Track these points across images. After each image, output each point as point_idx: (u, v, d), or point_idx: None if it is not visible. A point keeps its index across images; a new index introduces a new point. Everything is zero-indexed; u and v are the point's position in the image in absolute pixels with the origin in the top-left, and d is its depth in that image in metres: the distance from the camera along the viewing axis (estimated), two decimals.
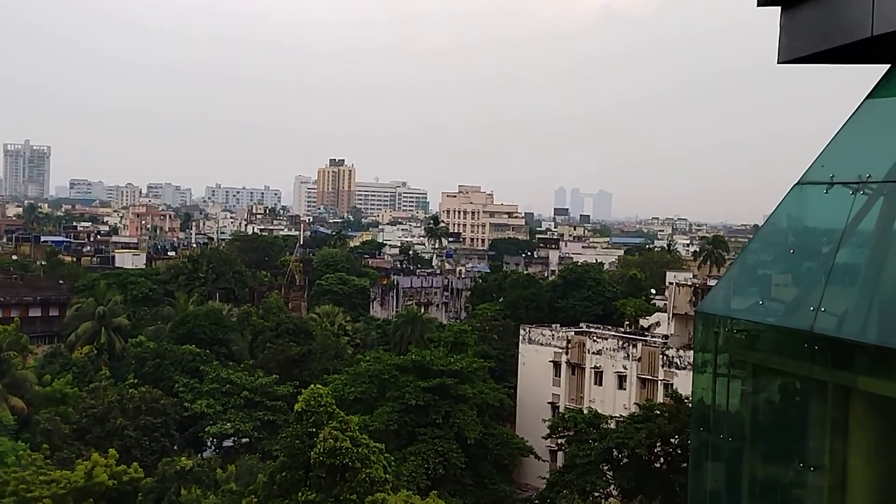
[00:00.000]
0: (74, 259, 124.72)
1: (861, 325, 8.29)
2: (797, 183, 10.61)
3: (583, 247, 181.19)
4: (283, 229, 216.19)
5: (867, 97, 8.84)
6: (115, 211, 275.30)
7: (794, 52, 9.29)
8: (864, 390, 8.14)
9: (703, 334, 12.08)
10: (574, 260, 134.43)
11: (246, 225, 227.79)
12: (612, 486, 50.75)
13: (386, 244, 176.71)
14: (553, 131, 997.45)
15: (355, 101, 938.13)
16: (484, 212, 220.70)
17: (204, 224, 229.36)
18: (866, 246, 8.94)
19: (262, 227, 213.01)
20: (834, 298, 8.77)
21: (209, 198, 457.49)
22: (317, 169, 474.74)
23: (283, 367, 68.85)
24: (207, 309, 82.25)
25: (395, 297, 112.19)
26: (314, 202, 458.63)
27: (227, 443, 63.75)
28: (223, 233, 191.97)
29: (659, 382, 64.59)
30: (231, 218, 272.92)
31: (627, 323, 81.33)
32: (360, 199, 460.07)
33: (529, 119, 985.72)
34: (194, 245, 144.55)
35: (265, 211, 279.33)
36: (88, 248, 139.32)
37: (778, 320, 10.54)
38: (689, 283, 71.44)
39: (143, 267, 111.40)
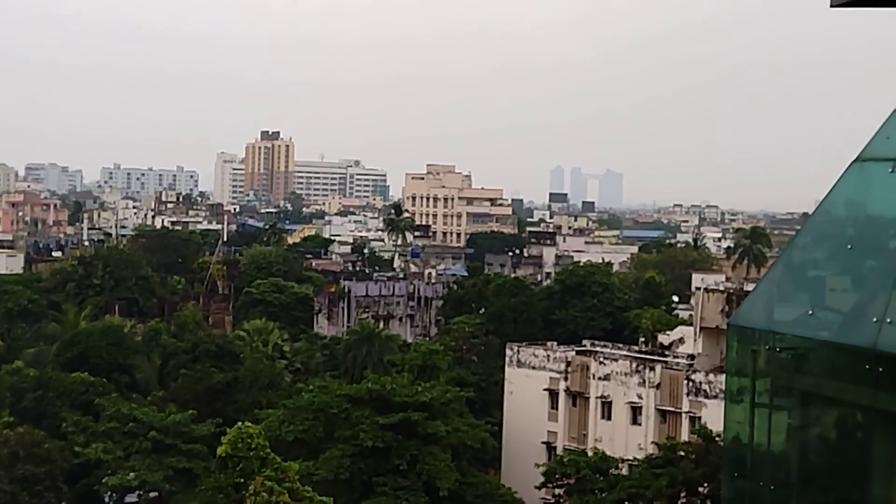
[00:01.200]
0: None
1: None
2: (856, 159, 10.61)
3: (586, 242, 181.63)
4: (201, 222, 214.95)
5: None
6: None
7: None
8: None
9: (738, 353, 12.04)
10: (575, 259, 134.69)
11: (153, 217, 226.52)
12: None
13: (334, 240, 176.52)
14: (546, 92, 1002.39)
15: (293, 55, 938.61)
16: (460, 198, 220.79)
17: (99, 216, 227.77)
18: None
19: (175, 219, 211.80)
20: None
21: (105, 182, 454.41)
22: (245, 144, 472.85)
23: (203, 399, 68.40)
24: (104, 325, 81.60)
25: (345, 309, 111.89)
26: (241, 187, 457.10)
27: (131, 498, 63.26)
28: (124, 227, 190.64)
29: (683, 415, 64.81)
30: (134, 208, 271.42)
31: (643, 340, 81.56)
32: (301, 183, 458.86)
33: (516, 78, 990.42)
34: (86, 243, 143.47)
35: (178, 198, 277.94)
36: None
37: (833, 335, 10.52)
38: (722, 288, 71.75)
39: (21, 272, 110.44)
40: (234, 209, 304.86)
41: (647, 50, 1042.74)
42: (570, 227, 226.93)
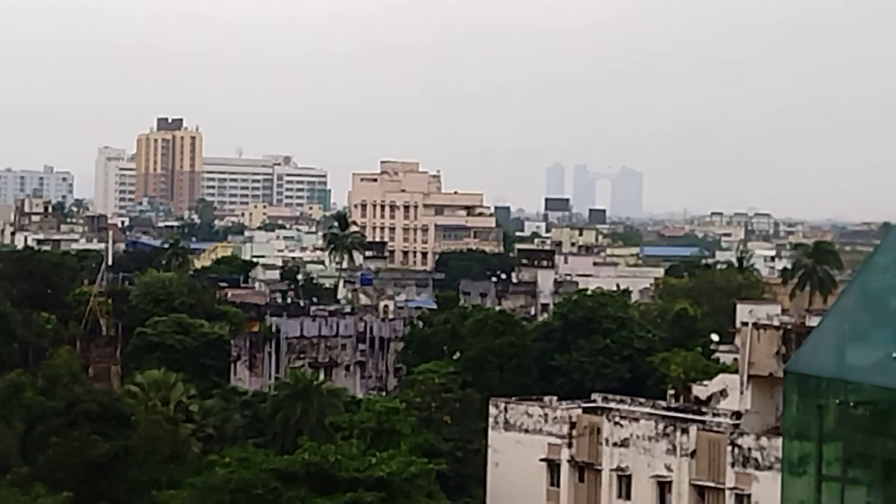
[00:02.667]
0: None
1: None
2: None
3: (595, 263, 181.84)
4: (77, 240, 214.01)
5: None
6: None
7: None
8: None
9: (799, 410, 12.02)
10: (580, 286, 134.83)
11: (13, 233, 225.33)
12: None
13: (258, 263, 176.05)
14: (541, 72, 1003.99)
15: (198, 32, 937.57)
16: (426, 206, 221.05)
17: None
18: None
19: (42, 236, 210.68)
20: None
21: None
22: (136, 136, 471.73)
23: (82, 477, 68.02)
24: None
25: (273, 355, 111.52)
26: (132, 193, 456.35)
27: None
28: None
29: (727, 493, 64.92)
30: None
31: (672, 392, 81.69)
32: (213, 187, 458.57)
33: (500, 59, 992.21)
34: None
35: (46, 208, 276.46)
36: None
37: None
38: (777, 324, 72.01)
39: None
40: (123, 222, 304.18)
41: (669, 14, 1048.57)
42: (573, 244, 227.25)
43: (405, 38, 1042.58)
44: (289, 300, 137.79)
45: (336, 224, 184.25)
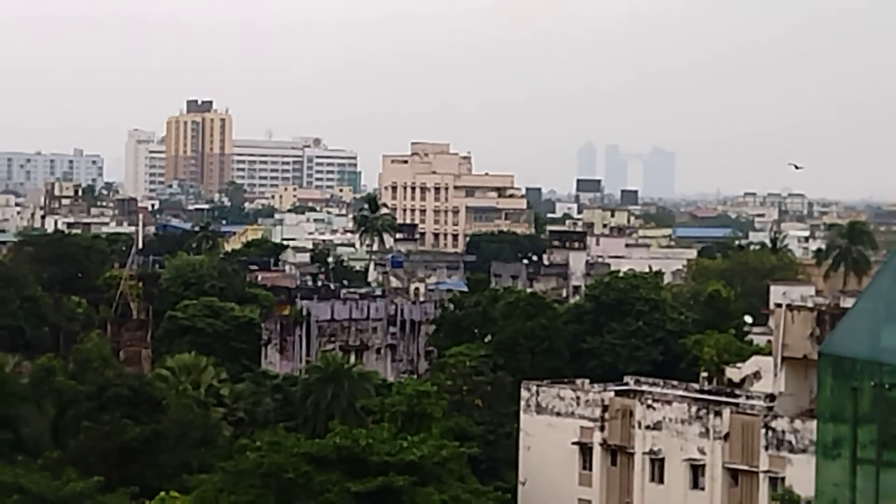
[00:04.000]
0: None
1: None
2: None
3: (627, 245, 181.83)
4: (108, 223, 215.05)
5: None
6: None
7: None
8: None
9: (833, 392, 11.96)
10: (612, 268, 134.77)
11: (44, 217, 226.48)
12: None
13: (288, 246, 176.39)
14: (572, 54, 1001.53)
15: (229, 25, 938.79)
16: (457, 187, 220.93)
17: None
18: None
19: (72, 219, 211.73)
20: None
21: None
22: (166, 119, 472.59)
23: (113, 461, 68.31)
24: None
25: (304, 338, 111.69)
26: (162, 175, 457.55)
27: None
28: (4, 231, 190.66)
29: (761, 476, 64.82)
30: (18, 205, 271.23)
31: (706, 375, 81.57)
32: (243, 169, 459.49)
33: (532, 39, 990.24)
34: None
35: (76, 192, 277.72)
36: None
37: None
38: (811, 305, 71.79)
39: None
40: (153, 205, 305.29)
41: (709, 5, 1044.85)
42: (605, 225, 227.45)
43: (441, 18, 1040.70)
44: (319, 283, 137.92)
45: (366, 206, 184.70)
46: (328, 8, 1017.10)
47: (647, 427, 69.32)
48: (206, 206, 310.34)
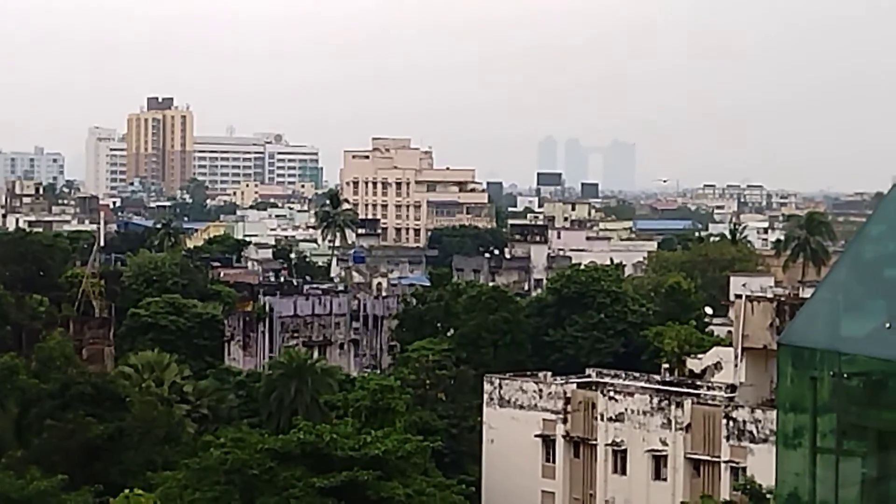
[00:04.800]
0: None
1: None
2: None
3: (588, 238, 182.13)
4: (69, 221, 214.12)
5: None
6: None
7: None
8: None
9: (793, 382, 12.01)
10: (574, 261, 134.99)
11: (4, 215, 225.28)
12: None
13: (250, 242, 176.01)
14: (534, 48, 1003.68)
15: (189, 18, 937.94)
16: (418, 182, 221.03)
17: None
18: None
19: (34, 217, 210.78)
20: None
21: None
22: (126, 116, 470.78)
23: (76, 459, 68.10)
24: None
25: (267, 334, 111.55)
26: (123, 173, 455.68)
27: None
28: None
29: (722, 466, 65.09)
30: None
31: (667, 366, 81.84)
32: (204, 166, 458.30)
33: (491, 37, 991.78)
34: None
35: (38, 190, 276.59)
36: None
37: None
38: (770, 296, 72.13)
39: None
40: (114, 203, 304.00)
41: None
42: (566, 218, 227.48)
43: (398, 12, 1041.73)
44: (282, 279, 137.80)
45: (328, 202, 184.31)
46: (287, 3, 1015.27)
47: (610, 419, 69.52)
48: (167, 204, 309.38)
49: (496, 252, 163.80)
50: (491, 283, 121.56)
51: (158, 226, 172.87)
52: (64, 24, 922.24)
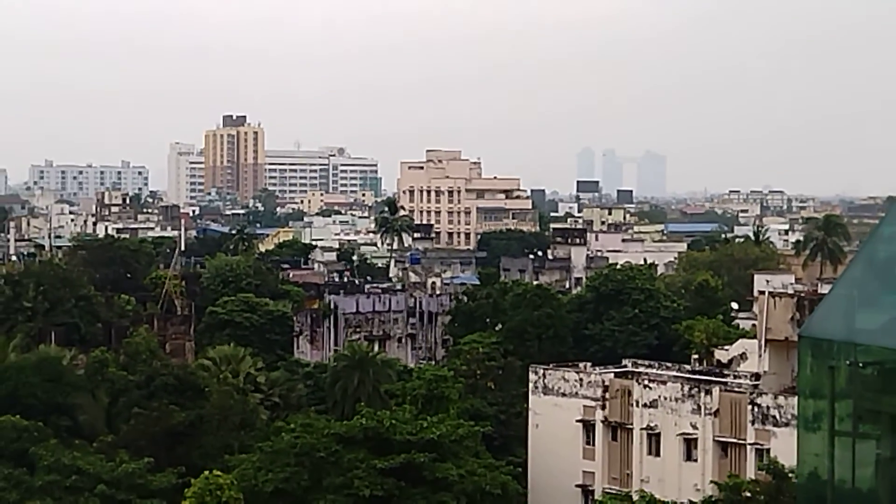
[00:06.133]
0: None
1: None
2: None
3: (623, 240, 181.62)
4: (153, 228, 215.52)
5: None
6: None
7: None
8: None
9: (813, 371, 11.95)
10: (610, 261, 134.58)
11: (95, 223, 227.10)
12: None
13: (316, 246, 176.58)
14: (574, 69, 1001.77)
15: (261, 41, 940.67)
16: (468, 190, 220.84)
17: (29, 224, 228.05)
18: None
19: (121, 225, 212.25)
20: None
21: (36, 182, 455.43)
22: (204, 132, 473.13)
23: (161, 444, 68.40)
24: (38, 358, 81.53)
25: (332, 329, 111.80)
26: (201, 184, 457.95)
27: None
28: (59, 237, 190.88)
29: (748, 448, 64.75)
30: (71, 213, 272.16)
31: (696, 357, 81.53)
32: (274, 177, 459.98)
33: (533, 53, 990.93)
34: (14, 258, 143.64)
35: (125, 200, 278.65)
36: None
37: None
38: (791, 292, 71.72)
39: None
40: (193, 211, 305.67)
41: (695, 21, 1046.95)
42: (603, 222, 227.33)
43: (443, 33, 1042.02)
44: (345, 279, 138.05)
45: (387, 209, 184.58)
46: (348, 36, 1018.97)
47: (644, 405, 69.29)
48: (241, 212, 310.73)
49: (539, 253, 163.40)
50: (535, 282, 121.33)
51: (233, 232, 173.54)
52: (147, 52, 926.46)
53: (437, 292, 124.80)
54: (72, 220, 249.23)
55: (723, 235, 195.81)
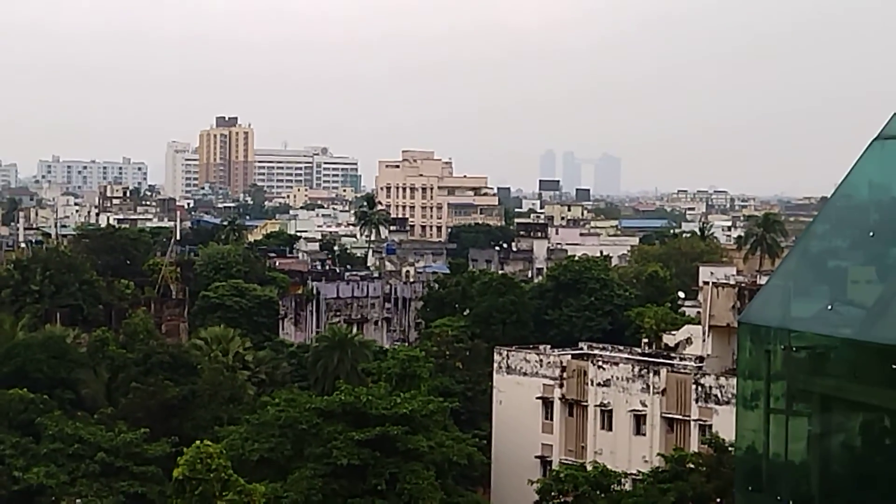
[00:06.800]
0: None
1: None
2: (877, 137, 10.61)
3: (581, 234, 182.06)
4: (151, 219, 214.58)
5: None
6: None
7: None
8: None
9: (751, 354, 12.03)
10: (569, 253, 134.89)
11: (98, 214, 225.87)
12: None
13: (300, 237, 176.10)
14: (536, 76, 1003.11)
15: (250, 50, 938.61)
16: (440, 188, 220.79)
17: (37, 214, 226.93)
18: None
19: (122, 216, 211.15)
20: None
21: (43, 176, 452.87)
22: (199, 132, 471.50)
23: (156, 416, 68.30)
24: (44, 336, 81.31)
25: (314, 313, 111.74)
26: (195, 179, 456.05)
27: None
28: (65, 226, 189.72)
29: (692, 424, 64.98)
30: (76, 204, 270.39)
31: (646, 341, 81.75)
32: (262, 174, 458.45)
33: (502, 62, 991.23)
34: (23, 244, 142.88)
35: (125, 193, 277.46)
36: None
37: (855, 332, 10.52)
38: (732, 283, 71.95)
39: None
40: (188, 204, 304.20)
41: (646, 31, 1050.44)
42: (562, 218, 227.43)
43: (424, 40, 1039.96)
44: (327, 267, 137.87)
45: (365, 204, 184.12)
46: (331, 31, 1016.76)
47: (598, 384, 69.46)
48: (232, 205, 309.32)
49: (504, 246, 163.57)
50: (500, 272, 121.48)
51: (225, 223, 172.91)
52: (141, 51, 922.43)
53: (411, 280, 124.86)
54: (76, 211, 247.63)
55: (671, 231, 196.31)
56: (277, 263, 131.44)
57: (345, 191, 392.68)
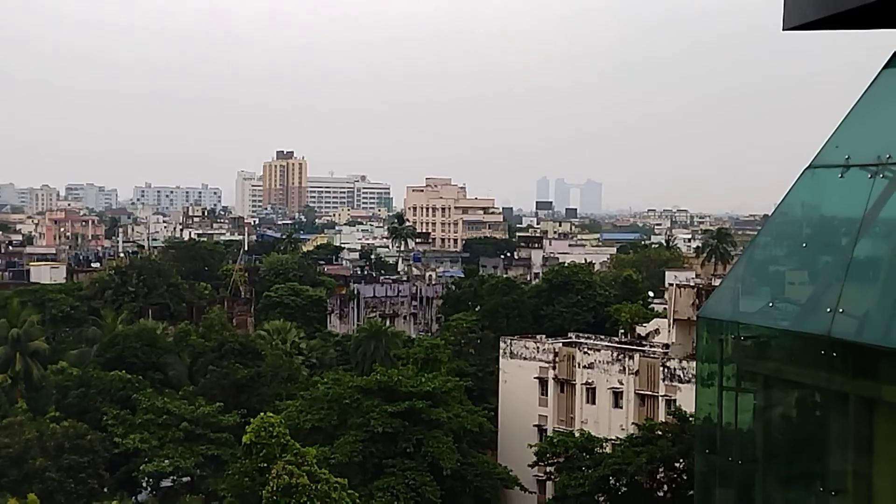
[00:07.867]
0: None
1: (885, 327, 8.32)
2: (809, 166, 10.64)
3: (569, 245, 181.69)
4: (224, 233, 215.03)
5: (885, 66, 8.87)
6: (28, 217, 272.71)
7: (801, 16, 9.31)
8: (891, 402, 8.16)
9: (707, 342, 12.10)
10: (560, 260, 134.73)
11: (181, 230, 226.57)
12: None
13: (344, 248, 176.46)
14: (533, 113, 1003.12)
15: (303, 85, 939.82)
16: (456, 207, 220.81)
17: (133, 230, 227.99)
18: (889, 236, 8.98)
19: (201, 231, 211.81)
20: (854, 298, 8.78)
21: (138, 199, 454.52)
22: (262, 163, 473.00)
23: (229, 393, 68.51)
24: (139, 328, 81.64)
25: (355, 309, 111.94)
26: (260, 201, 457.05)
27: (166, 482, 63.27)
28: (155, 239, 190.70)
29: (660, 399, 64.82)
30: (164, 222, 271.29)
31: (622, 331, 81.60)
32: (314, 197, 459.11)
33: (504, 99, 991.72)
34: (122, 254, 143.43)
35: (203, 213, 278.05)
36: None
37: (791, 324, 10.58)
38: (692, 284, 71.77)
39: (63, 281, 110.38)
40: (254, 221, 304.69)
41: (623, 77, 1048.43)
42: (555, 232, 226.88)
43: (444, 96, 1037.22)
44: (365, 272, 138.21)
45: (396, 221, 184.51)
46: (366, 65, 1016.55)
47: (584, 366, 69.36)
48: (289, 222, 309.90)
49: (508, 255, 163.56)
50: (504, 276, 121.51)
51: (283, 237, 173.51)
52: (219, 94, 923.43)
53: (433, 282, 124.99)
54: (164, 227, 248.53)
55: (643, 242, 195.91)
56: (326, 269, 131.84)
57: (380, 210, 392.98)
